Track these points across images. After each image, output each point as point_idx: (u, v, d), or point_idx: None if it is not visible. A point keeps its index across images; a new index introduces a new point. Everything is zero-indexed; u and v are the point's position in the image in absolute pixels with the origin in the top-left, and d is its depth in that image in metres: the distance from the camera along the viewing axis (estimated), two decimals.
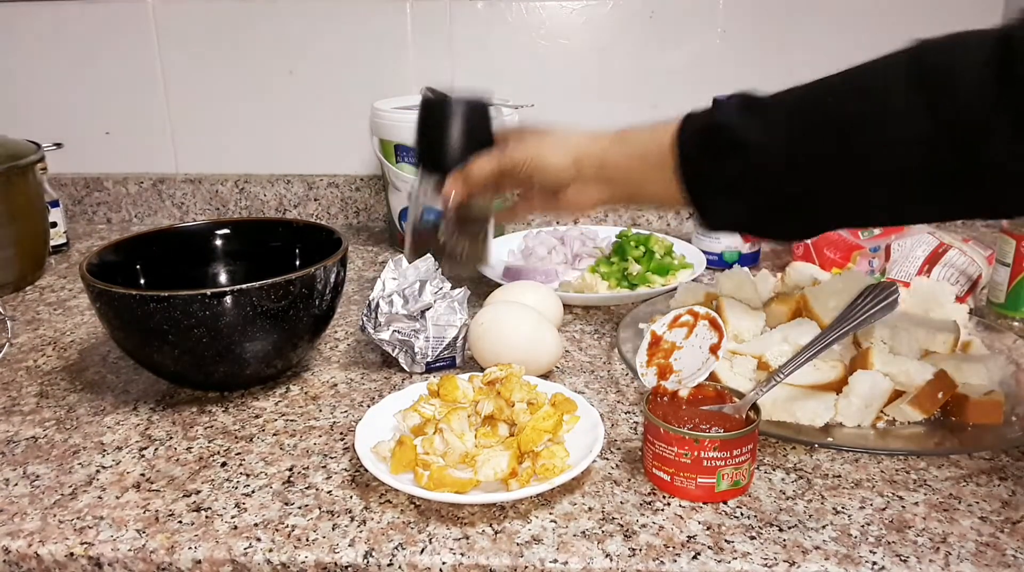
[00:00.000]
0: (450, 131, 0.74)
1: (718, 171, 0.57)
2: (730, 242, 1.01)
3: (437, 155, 0.75)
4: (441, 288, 0.74)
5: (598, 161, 0.65)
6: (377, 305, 0.72)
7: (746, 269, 0.79)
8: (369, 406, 0.65)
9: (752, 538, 0.50)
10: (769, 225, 0.59)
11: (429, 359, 0.72)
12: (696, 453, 0.53)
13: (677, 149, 0.59)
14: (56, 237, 1.11)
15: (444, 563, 0.49)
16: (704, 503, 0.54)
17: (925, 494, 0.55)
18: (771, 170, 0.54)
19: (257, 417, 0.66)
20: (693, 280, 0.92)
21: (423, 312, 0.72)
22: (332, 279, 0.69)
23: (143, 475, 0.58)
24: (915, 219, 0.62)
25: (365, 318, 0.73)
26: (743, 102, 0.57)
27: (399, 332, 0.72)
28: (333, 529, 0.52)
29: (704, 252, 1.01)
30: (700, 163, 0.58)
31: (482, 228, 0.80)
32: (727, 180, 0.57)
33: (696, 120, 0.59)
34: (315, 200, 1.25)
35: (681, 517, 0.53)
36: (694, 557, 0.49)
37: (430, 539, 0.51)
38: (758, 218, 0.58)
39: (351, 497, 0.55)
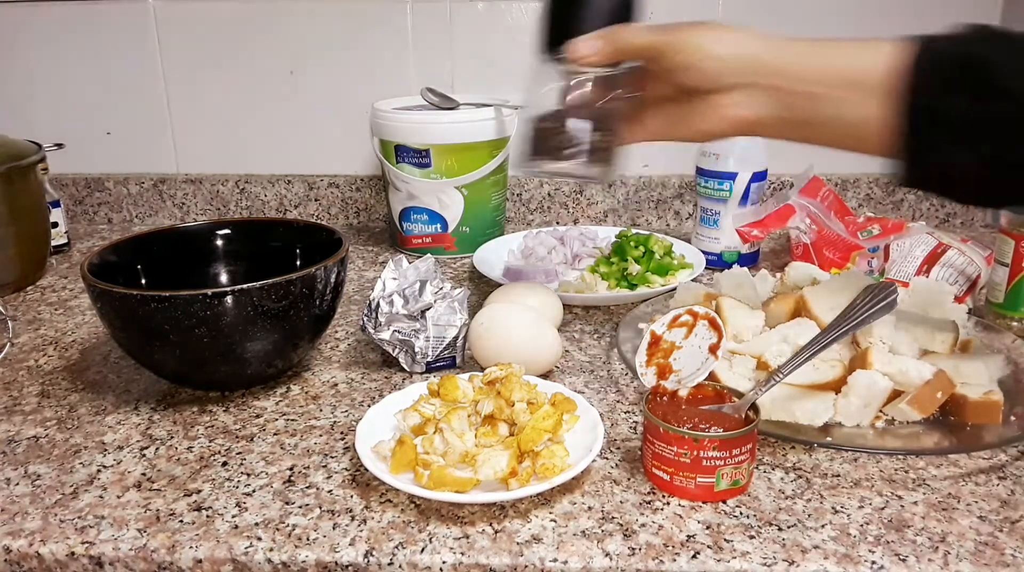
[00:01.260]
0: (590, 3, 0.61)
1: (963, 110, 0.47)
2: (729, 242, 1.02)
3: (572, 28, 0.60)
4: (441, 288, 0.75)
5: (780, 63, 0.52)
6: (377, 305, 0.72)
7: (745, 269, 0.80)
8: (369, 406, 0.65)
9: (751, 537, 0.51)
10: (990, 187, 0.49)
11: (429, 359, 0.73)
12: (695, 453, 0.53)
13: (913, 73, 0.48)
14: (57, 237, 1.11)
15: (444, 562, 0.49)
16: (703, 502, 0.54)
17: (924, 493, 0.55)
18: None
19: (258, 417, 0.66)
20: (692, 280, 0.92)
21: (423, 312, 0.72)
22: (332, 279, 0.69)
23: (144, 474, 0.58)
24: None
25: (365, 318, 0.73)
26: (1008, 37, 0.47)
27: (399, 332, 0.72)
28: (334, 528, 0.52)
29: (703, 252, 1.01)
30: (940, 97, 0.47)
31: (620, 113, 0.62)
32: (969, 122, 0.47)
33: (942, 46, 0.48)
34: (316, 200, 1.25)
35: (680, 516, 0.53)
36: (693, 556, 0.49)
37: (430, 538, 0.51)
38: (984, 176, 0.48)
39: (351, 496, 0.55)
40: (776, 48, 0.53)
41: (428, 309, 0.73)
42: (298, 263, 0.78)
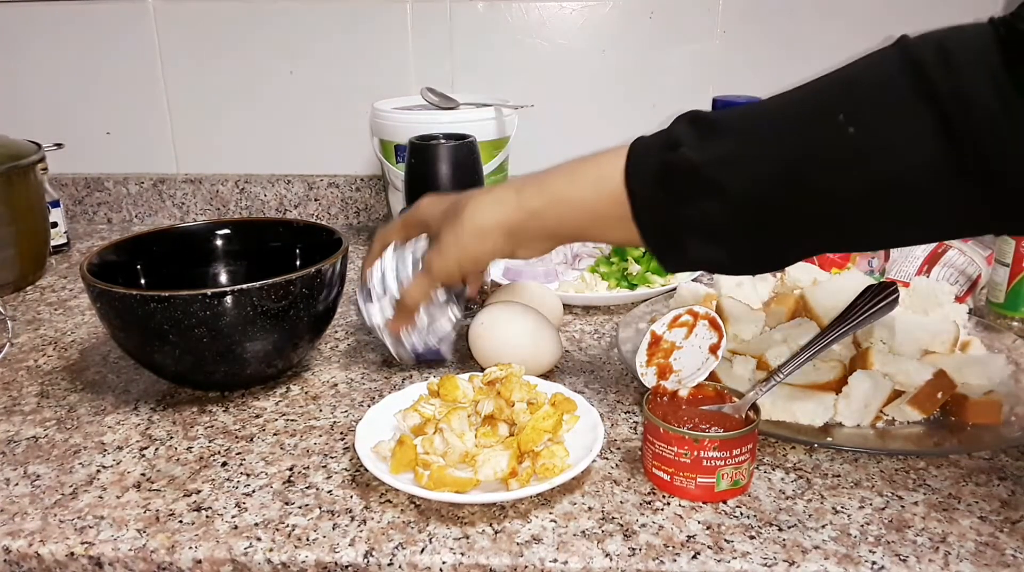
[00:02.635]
0: None
1: (688, 215, 0.50)
2: None
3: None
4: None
5: (537, 226, 0.57)
6: (371, 288, 0.68)
7: None
8: (369, 406, 0.65)
9: (752, 538, 0.51)
10: (750, 263, 0.53)
11: (419, 350, 0.69)
12: (696, 453, 0.53)
13: (631, 195, 0.51)
14: (57, 237, 1.11)
15: (444, 563, 0.49)
16: (704, 503, 0.54)
17: (924, 494, 0.55)
18: (755, 208, 0.48)
19: (257, 417, 0.66)
20: (693, 280, 0.92)
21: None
22: (332, 279, 0.69)
23: (144, 475, 0.58)
24: (914, 242, 0.53)
25: (358, 290, 0.69)
26: (703, 127, 0.50)
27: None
28: (333, 529, 0.52)
29: None
30: (663, 209, 0.51)
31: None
32: (701, 223, 0.50)
33: (649, 156, 0.51)
34: (315, 200, 1.25)
35: (681, 517, 0.53)
36: (694, 557, 0.49)
37: (430, 539, 0.51)
38: (739, 259, 0.52)
39: (351, 497, 0.55)
40: (522, 213, 0.57)
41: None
42: (298, 263, 0.78)
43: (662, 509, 0.53)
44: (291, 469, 0.59)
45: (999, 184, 0.43)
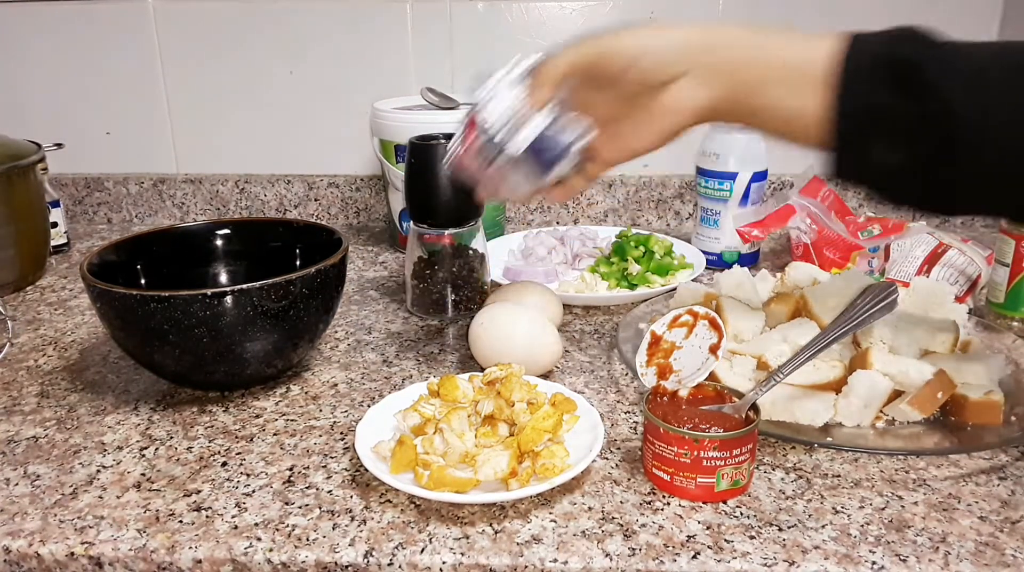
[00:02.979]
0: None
1: (893, 111, 0.46)
2: (730, 242, 1.02)
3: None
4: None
5: (723, 50, 0.52)
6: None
7: (745, 269, 0.79)
8: (369, 406, 0.65)
9: (752, 538, 0.51)
10: (917, 187, 0.49)
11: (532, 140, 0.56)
12: (696, 453, 0.53)
13: (843, 69, 0.47)
14: (57, 237, 1.11)
15: (444, 563, 0.49)
16: (704, 503, 0.54)
17: (924, 494, 0.55)
18: (967, 129, 0.45)
19: (257, 417, 0.66)
20: (693, 280, 0.92)
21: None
22: (332, 279, 0.69)
23: (144, 475, 0.58)
24: None
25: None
26: (941, 45, 0.47)
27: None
28: (333, 529, 0.52)
29: (704, 252, 1.01)
30: (871, 95, 0.47)
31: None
32: (901, 123, 0.46)
33: (872, 44, 0.48)
34: (315, 200, 1.25)
35: (681, 517, 0.53)
36: (694, 557, 0.49)
37: (430, 539, 0.51)
38: (911, 177, 0.48)
39: (351, 497, 0.55)
40: (713, 33, 0.52)
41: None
42: (298, 263, 0.78)
43: (662, 509, 0.53)
44: (291, 469, 0.59)
45: None
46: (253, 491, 0.56)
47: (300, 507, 0.54)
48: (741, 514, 0.53)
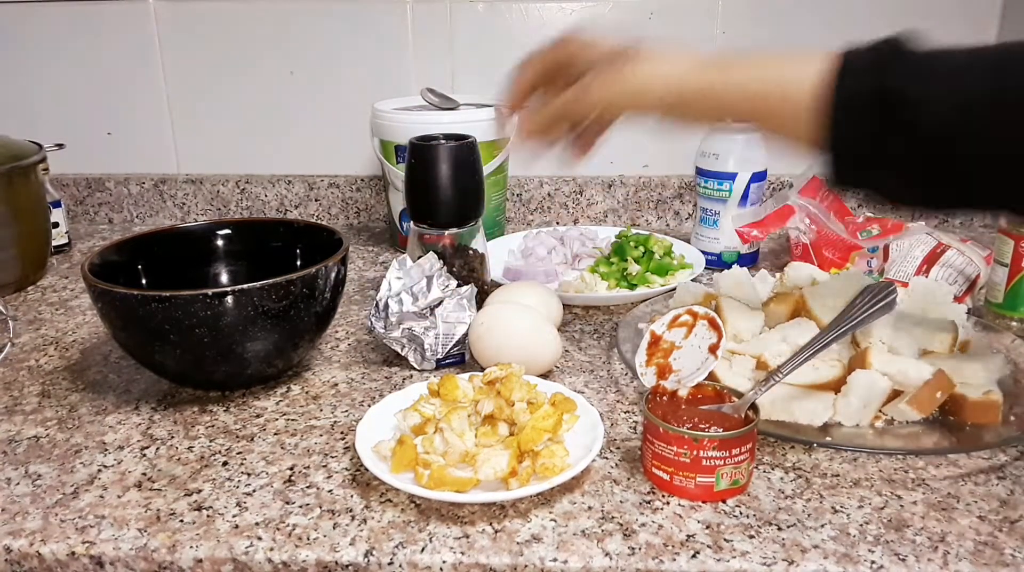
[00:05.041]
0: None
1: (884, 146, 0.48)
2: (729, 242, 1.02)
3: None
4: (448, 285, 0.75)
5: (712, 95, 0.55)
6: (386, 305, 0.72)
7: (745, 269, 0.80)
8: (370, 405, 0.65)
9: (751, 537, 0.51)
10: (921, 198, 0.52)
11: (439, 356, 0.73)
12: (695, 452, 0.53)
13: (833, 108, 0.49)
14: (58, 237, 1.11)
15: (444, 562, 0.49)
16: (703, 502, 0.54)
17: (923, 493, 0.55)
18: (954, 153, 0.47)
19: (258, 416, 0.66)
20: (692, 280, 0.92)
21: (432, 308, 0.72)
22: (333, 279, 0.70)
23: (144, 474, 0.58)
24: None
25: (373, 318, 0.73)
26: (919, 62, 0.48)
27: (411, 329, 0.72)
28: (334, 528, 0.52)
29: (703, 252, 1.01)
30: (862, 133, 0.49)
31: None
32: (892, 157, 0.48)
33: (861, 74, 0.49)
34: (316, 200, 1.25)
35: (680, 516, 0.53)
36: (693, 556, 0.49)
37: (430, 538, 0.51)
38: (908, 189, 0.50)
39: (352, 496, 0.55)
40: (703, 77, 0.56)
41: (439, 304, 0.73)
42: (298, 263, 0.78)
43: (661, 508, 0.54)
44: (292, 468, 0.59)
45: None
46: (254, 490, 0.56)
47: (301, 506, 0.54)
48: (740, 513, 0.53)
